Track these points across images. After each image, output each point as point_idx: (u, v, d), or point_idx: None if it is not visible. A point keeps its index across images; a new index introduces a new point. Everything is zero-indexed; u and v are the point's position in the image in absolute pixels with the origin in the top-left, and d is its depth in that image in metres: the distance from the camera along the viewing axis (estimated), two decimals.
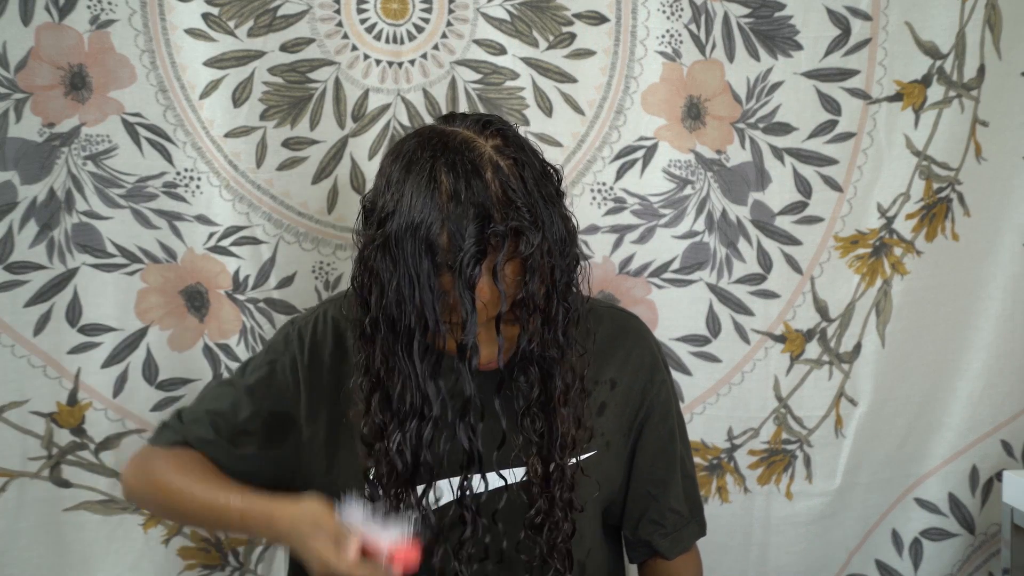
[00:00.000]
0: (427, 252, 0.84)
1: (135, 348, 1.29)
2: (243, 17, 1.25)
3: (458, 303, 0.85)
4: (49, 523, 1.27)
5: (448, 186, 0.85)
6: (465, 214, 0.84)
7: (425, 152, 0.88)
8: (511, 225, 0.86)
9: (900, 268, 1.42)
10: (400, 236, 0.85)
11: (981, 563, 1.53)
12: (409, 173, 0.87)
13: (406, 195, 0.86)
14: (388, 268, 0.86)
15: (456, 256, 0.84)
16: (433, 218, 0.84)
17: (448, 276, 0.85)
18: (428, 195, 0.85)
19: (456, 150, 0.87)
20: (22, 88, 1.20)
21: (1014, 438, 1.50)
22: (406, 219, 0.85)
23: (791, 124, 1.37)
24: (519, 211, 0.87)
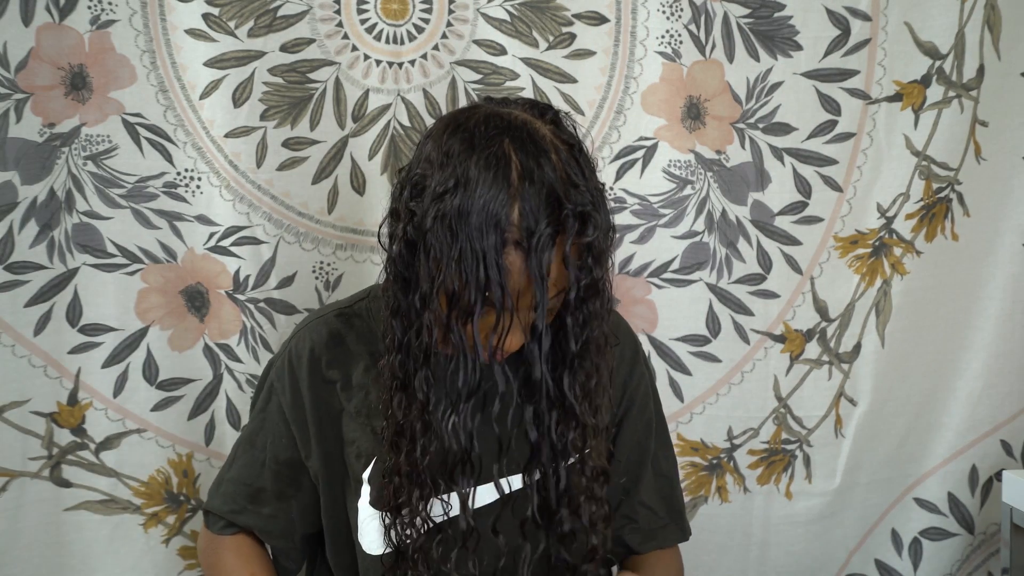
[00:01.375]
0: (495, 228, 0.82)
1: (135, 348, 1.29)
2: (243, 17, 1.25)
3: (523, 283, 0.84)
4: (49, 523, 1.27)
5: (519, 164, 0.83)
6: (538, 193, 0.83)
7: (489, 129, 0.86)
8: (580, 209, 0.85)
9: (900, 268, 1.42)
10: (466, 210, 0.82)
11: (980, 563, 1.53)
12: (473, 148, 0.84)
13: (472, 169, 0.83)
14: (447, 242, 0.83)
15: (528, 235, 0.82)
16: (504, 195, 0.82)
17: (516, 254, 0.83)
18: (498, 171, 0.83)
19: (521, 129, 0.86)
20: (22, 88, 1.20)
21: (1014, 438, 1.50)
22: (473, 193, 0.82)
23: (791, 124, 1.37)
24: (583, 195, 0.86)
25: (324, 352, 1.02)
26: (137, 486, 1.30)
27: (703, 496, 1.44)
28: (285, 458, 1.05)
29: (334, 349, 1.03)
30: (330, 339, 1.03)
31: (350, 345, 1.03)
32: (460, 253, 0.83)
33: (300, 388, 1.02)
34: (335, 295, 1.32)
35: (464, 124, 0.87)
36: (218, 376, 1.31)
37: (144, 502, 1.31)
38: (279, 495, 1.05)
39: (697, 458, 1.43)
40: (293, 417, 1.03)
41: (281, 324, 1.30)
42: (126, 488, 1.30)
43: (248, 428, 1.09)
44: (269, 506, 1.05)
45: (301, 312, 1.30)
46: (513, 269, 0.83)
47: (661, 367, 1.40)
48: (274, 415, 1.04)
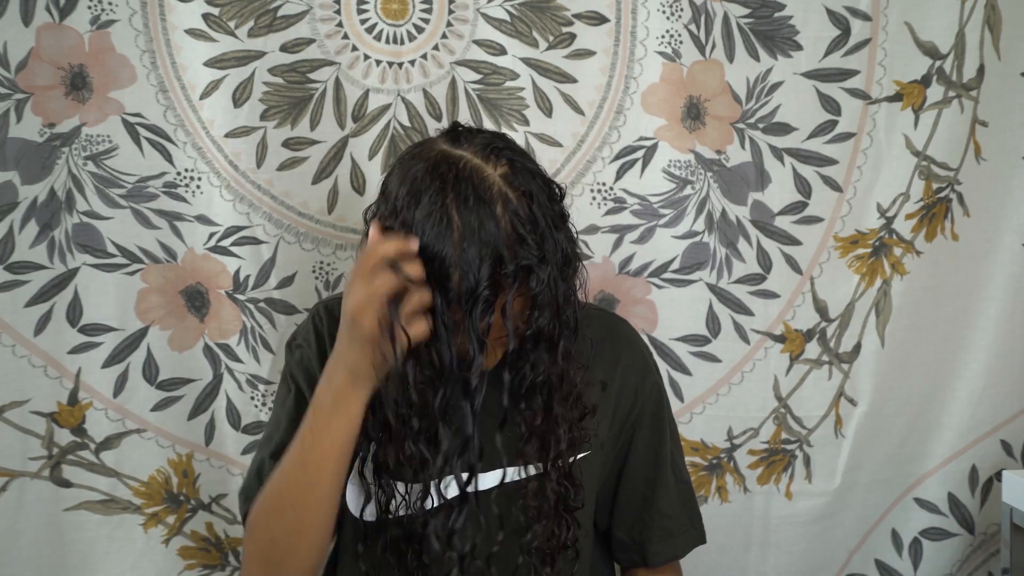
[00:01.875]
0: (439, 287, 0.85)
1: (135, 348, 1.29)
2: (243, 17, 1.25)
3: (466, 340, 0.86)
4: (50, 523, 1.28)
5: (459, 224, 0.84)
6: (478, 255, 0.84)
7: (435, 182, 0.87)
8: (522, 264, 0.86)
9: (900, 268, 1.42)
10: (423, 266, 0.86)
11: (980, 563, 1.53)
12: (418, 203, 0.86)
13: (417, 223, 0.85)
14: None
15: (466, 296, 0.84)
16: (446, 256, 0.84)
17: (459, 311, 0.86)
18: (439, 231, 0.84)
19: (466, 181, 0.86)
20: (23, 88, 1.21)
21: (1014, 438, 1.50)
22: (421, 247, 0.85)
23: (791, 124, 1.37)
24: (529, 248, 0.87)
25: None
26: (137, 486, 1.30)
27: (703, 496, 1.44)
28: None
29: None
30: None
31: None
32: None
33: (325, 342, 1.03)
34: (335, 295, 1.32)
35: (409, 173, 0.89)
36: (218, 376, 1.31)
37: (144, 502, 1.31)
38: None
39: (697, 458, 1.44)
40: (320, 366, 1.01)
41: (281, 324, 1.30)
42: (126, 488, 1.30)
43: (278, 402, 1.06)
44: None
45: (301, 312, 1.30)
46: (459, 323, 0.86)
47: (661, 367, 1.39)
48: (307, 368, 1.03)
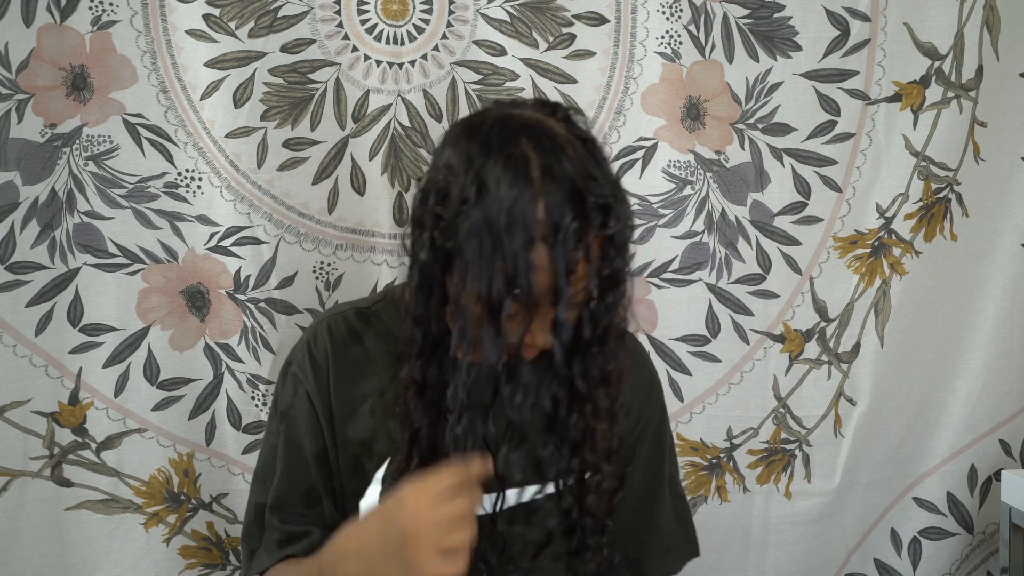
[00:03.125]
0: (522, 227, 0.82)
1: (136, 348, 1.29)
2: (244, 18, 1.25)
3: (550, 279, 0.84)
4: (50, 522, 1.28)
5: (538, 161, 0.84)
6: (560, 188, 0.83)
7: (504, 131, 0.87)
8: (602, 201, 0.85)
9: (899, 268, 1.43)
10: (491, 212, 0.83)
11: (979, 562, 1.53)
12: (491, 151, 0.85)
13: (493, 171, 0.84)
14: (474, 245, 0.84)
15: (554, 230, 0.83)
16: (527, 193, 0.83)
17: (542, 250, 0.83)
18: (518, 170, 0.83)
19: (534, 127, 0.87)
20: (24, 89, 1.21)
21: (1012, 437, 1.51)
22: (496, 195, 0.83)
23: (790, 125, 1.38)
24: (604, 187, 0.86)
25: (342, 347, 1.02)
26: (138, 485, 1.31)
27: (703, 496, 1.45)
28: (319, 450, 1.02)
29: (352, 346, 1.02)
30: (348, 335, 1.02)
31: (368, 344, 1.02)
32: (488, 255, 0.83)
33: (323, 374, 1.01)
34: (335, 295, 1.32)
35: (478, 128, 0.88)
36: (219, 376, 1.31)
37: (145, 501, 1.31)
38: (327, 490, 1.01)
39: (697, 458, 1.44)
40: (320, 404, 1.01)
41: (281, 324, 1.30)
42: (127, 487, 1.30)
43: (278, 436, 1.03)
44: (324, 504, 1.01)
45: (301, 312, 1.31)
46: (540, 265, 0.83)
47: (661, 367, 1.40)
48: (302, 406, 1.02)
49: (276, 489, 1.02)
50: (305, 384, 1.01)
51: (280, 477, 1.02)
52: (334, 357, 1.01)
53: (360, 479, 1.00)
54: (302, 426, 1.02)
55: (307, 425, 1.01)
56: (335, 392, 1.01)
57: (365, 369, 1.01)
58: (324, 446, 1.01)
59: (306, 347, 1.03)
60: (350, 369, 1.01)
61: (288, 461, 1.02)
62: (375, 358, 1.02)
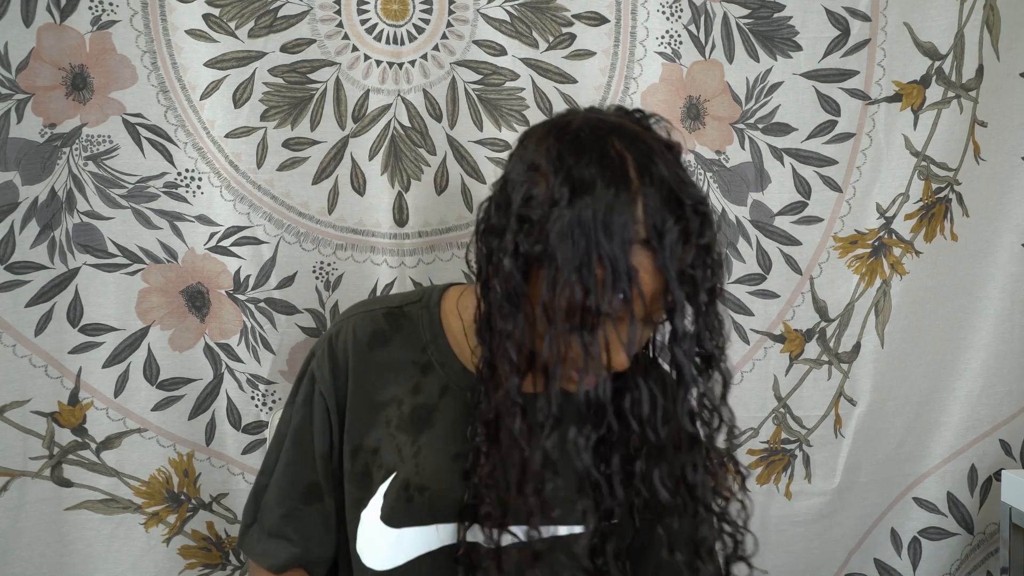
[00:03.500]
0: (621, 228, 0.77)
1: (136, 348, 1.29)
2: (244, 18, 1.25)
3: (652, 285, 0.80)
4: (50, 522, 1.28)
5: (634, 161, 0.80)
6: (659, 190, 0.79)
7: (596, 131, 0.83)
8: (700, 208, 0.81)
9: (899, 268, 1.43)
10: (586, 213, 0.78)
11: (979, 562, 1.53)
12: (583, 150, 0.81)
13: (587, 170, 0.79)
14: (568, 248, 0.78)
15: (656, 233, 0.78)
16: (626, 194, 0.78)
17: (643, 253, 0.79)
18: (615, 170, 0.79)
19: (625, 129, 0.83)
20: (23, 89, 1.21)
21: (1013, 437, 1.51)
22: (592, 195, 0.78)
23: (790, 124, 1.38)
24: (698, 193, 0.82)
25: (366, 349, 0.98)
26: (138, 485, 1.31)
27: None
28: (326, 450, 1.00)
29: (376, 349, 0.98)
30: (374, 337, 0.99)
31: (394, 349, 0.98)
32: (584, 258, 0.78)
33: (341, 376, 0.98)
34: (335, 295, 1.32)
35: (566, 128, 0.84)
36: (219, 376, 1.31)
37: (145, 501, 1.31)
38: (329, 488, 1.00)
39: None
40: (334, 406, 0.99)
41: (281, 324, 1.30)
42: (127, 487, 1.30)
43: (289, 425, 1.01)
44: (324, 500, 1.00)
45: (301, 312, 1.31)
46: (642, 269, 0.79)
47: None
48: (317, 405, 0.99)
49: (279, 476, 1.01)
50: (321, 384, 0.99)
51: (284, 468, 1.01)
52: (355, 360, 0.98)
53: (366, 488, 0.98)
54: (314, 423, 1.00)
55: (319, 424, 1.00)
56: (352, 396, 0.98)
57: (386, 375, 0.98)
58: (330, 448, 1.00)
59: (327, 344, 1.00)
60: (370, 375, 0.98)
61: (294, 454, 1.01)
62: (399, 366, 0.98)
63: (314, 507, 1.01)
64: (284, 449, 1.02)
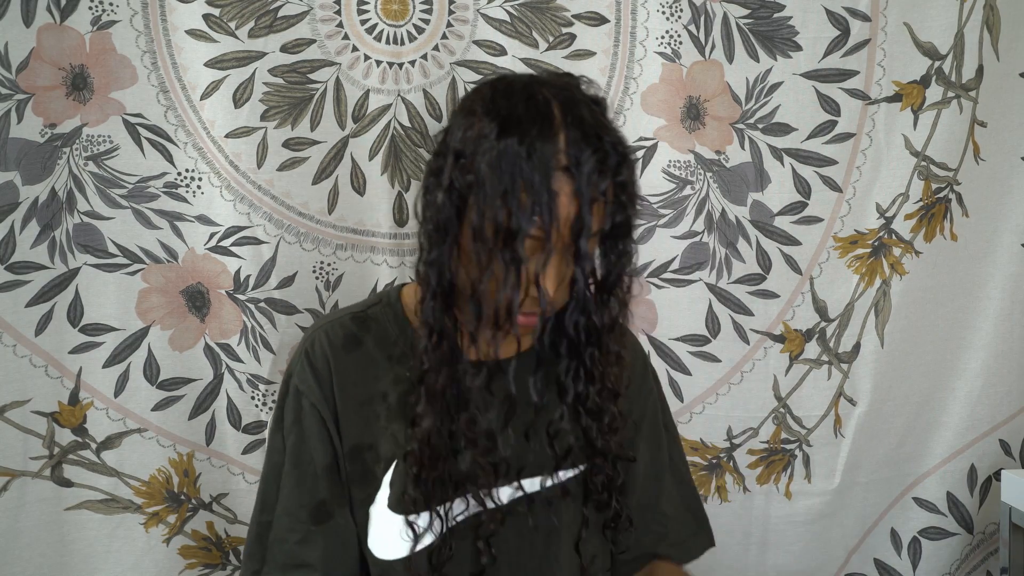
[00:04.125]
0: (543, 156, 0.85)
1: (136, 348, 1.29)
2: (244, 18, 1.25)
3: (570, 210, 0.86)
4: (51, 522, 1.28)
5: (560, 106, 0.88)
6: (580, 128, 0.87)
7: (528, 84, 0.91)
8: (619, 148, 0.89)
9: (899, 268, 1.43)
10: (513, 145, 0.85)
11: (979, 562, 1.53)
12: (515, 95, 0.89)
13: (517, 109, 0.87)
14: (494, 177, 0.86)
15: (575, 162, 0.86)
16: (549, 129, 0.86)
17: (563, 179, 0.86)
18: (541, 110, 0.87)
19: (555, 84, 0.92)
20: (24, 89, 1.21)
21: (1012, 437, 1.51)
22: (519, 129, 0.86)
23: (790, 125, 1.38)
24: (618, 138, 0.90)
25: (342, 353, 1.00)
26: (138, 485, 1.31)
27: (703, 496, 1.45)
28: (329, 461, 1.00)
29: (352, 351, 1.01)
30: (346, 341, 1.01)
31: (368, 348, 1.01)
32: (509, 184, 0.85)
33: (326, 382, 1.00)
34: (335, 295, 1.32)
35: (501, 80, 0.93)
36: (219, 376, 1.31)
37: (145, 501, 1.31)
38: (339, 501, 1.00)
39: (697, 458, 1.44)
40: (327, 413, 1.00)
41: (281, 324, 1.30)
42: (127, 487, 1.30)
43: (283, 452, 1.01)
44: (335, 517, 1.00)
45: (301, 312, 1.31)
46: (561, 193, 0.86)
47: (661, 367, 1.40)
48: (309, 419, 1.00)
49: (284, 504, 1.00)
50: (310, 396, 1.00)
51: (288, 493, 1.00)
52: (335, 364, 1.00)
53: (369, 486, 0.99)
54: (310, 439, 1.00)
55: (316, 437, 1.00)
56: (340, 399, 1.00)
57: (367, 373, 1.00)
58: (335, 456, 1.00)
59: (305, 357, 1.01)
60: (352, 375, 1.00)
61: (296, 477, 1.00)
62: (376, 362, 1.01)
63: (327, 526, 1.00)
64: (284, 474, 1.01)
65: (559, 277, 0.90)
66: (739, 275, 1.40)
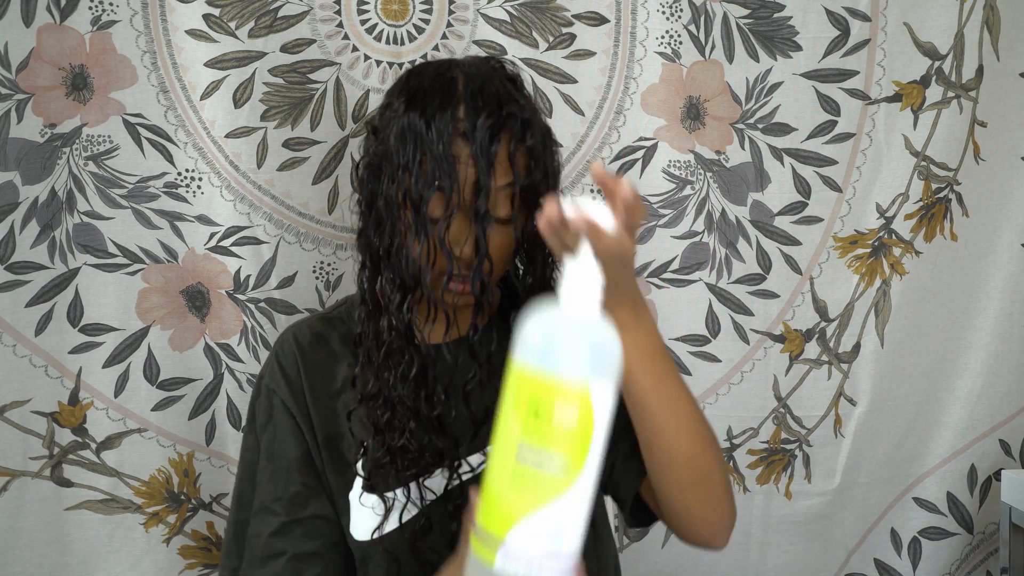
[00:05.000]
0: (442, 124, 0.90)
1: (136, 348, 1.29)
2: (244, 18, 1.25)
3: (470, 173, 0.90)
4: (50, 522, 1.28)
5: (464, 79, 0.94)
6: (481, 97, 0.92)
7: (440, 63, 0.98)
8: (521, 115, 0.93)
9: (899, 268, 1.43)
10: (416, 117, 0.91)
11: (979, 562, 1.53)
12: (424, 74, 0.96)
13: (424, 84, 0.94)
14: (401, 149, 0.92)
15: (471, 127, 0.90)
16: (451, 99, 0.91)
17: (462, 144, 0.90)
18: (445, 83, 0.93)
19: (468, 63, 0.98)
20: (23, 89, 1.21)
21: (1012, 437, 1.51)
22: (423, 102, 0.91)
23: (790, 125, 1.38)
24: (523, 106, 0.94)
25: (310, 350, 1.04)
26: (138, 485, 1.31)
27: None
28: (301, 453, 1.02)
29: (319, 348, 1.04)
30: (314, 339, 1.05)
31: (334, 345, 1.05)
32: (412, 154, 0.91)
33: (294, 380, 1.03)
34: (335, 295, 1.32)
35: (423, 63, 1.00)
36: (219, 376, 1.31)
37: (145, 501, 1.31)
38: (315, 491, 1.01)
39: None
40: (296, 408, 1.02)
41: (281, 324, 1.30)
42: (127, 487, 1.30)
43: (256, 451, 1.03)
44: (309, 507, 1.01)
45: (301, 312, 1.31)
46: (460, 156, 0.90)
47: None
48: (280, 415, 1.03)
49: (260, 499, 1.02)
50: (279, 393, 1.03)
51: (263, 488, 1.02)
52: (303, 361, 1.03)
53: (345, 473, 1.01)
54: (283, 434, 1.02)
55: (288, 432, 1.02)
56: (309, 394, 1.03)
57: (333, 368, 1.04)
58: (307, 448, 1.02)
59: (275, 358, 1.05)
60: (320, 369, 1.03)
61: (271, 472, 1.02)
62: (341, 357, 1.04)
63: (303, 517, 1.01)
64: (259, 470, 1.03)
65: (462, 236, 0.93)
66: (739, 275, 1.40)
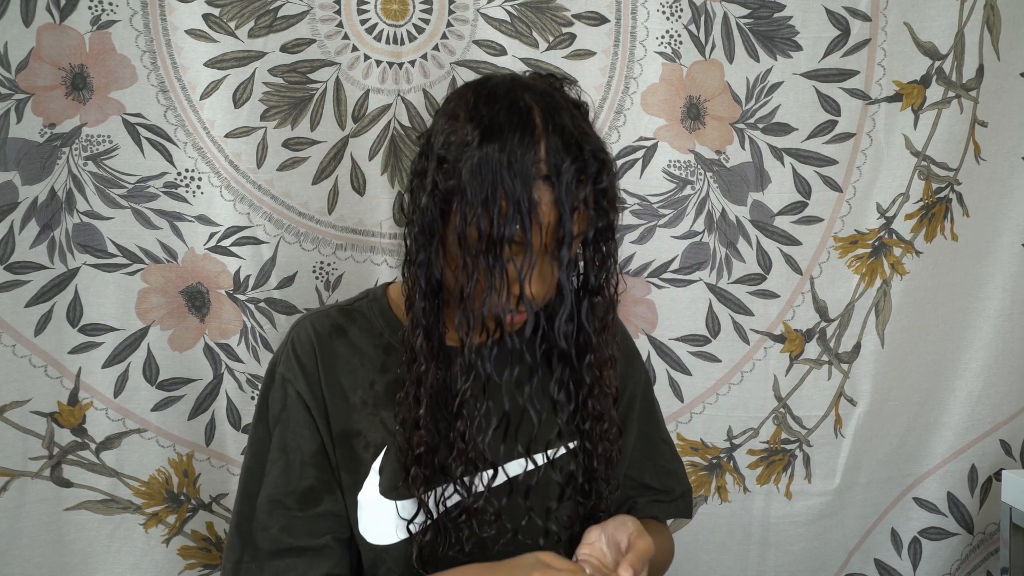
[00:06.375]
0: (523, 165, 0.86)
1: (136, 348, 1.29)
2: (244, 18, 1.25)
3: (551, 217, 0.88)
4: (50, 522, 1.28)
5: (540, 111, 0.89)
6: (560, 136, 0.88)
7: (509, 87, 0.92)
8: (600, 155, 0.90)
9: (899, 268, 1.43)
10: (494, 153, 0.87)
11: (979, 562, 1.53)
12: (496, 100, 0.90)
13: (498, 117, 0.89)
14: (476, 185, 0.87)
15: (556, 171, 0.87)
16: (530, 136, 0.87)
17: (544, 188, 0.87)
18: (522, 117, 0.88)
19: (536, 88, 0.93)
20: (23, 89, 1.21)
21: (1013, 437, 1.51)
22: (500, 137, 0.87)
23: (790, 124, 1.37)
24: (598, 144, 0.91)
25: (328, 341, 1.02)
26: (137, 486, 1.31)
27: (703, 496, 1.45)
28: (316, 447, 1.00)
29: (337, 340, 1.02)
30: (333, 330, 1.03)
31: (353, 338, 1.03)
32: (490, 193, 0.87)
33: (311, 370, 1.01)
34: (335, 295, 1.32)
35: (484, 84, 0.94)
36: (218, 376, 1.31)
37: (144, 502, 1.31)
38: (328, 487, 0.99)
39: (697, 458, 1.44)
40: (312, 400, 1.00)
41: (281, 324, 1.30)
42: (126, 488, 1.30)
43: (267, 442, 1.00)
44: (323, 503, 0.99)
45: (301, 312, 1.30)
46: (542, 201, 0.87)
47: (661, 367, 1.40)
48: (295, 407, 1.00)
49: (269, 490, 0.99)
50: (295, 384, 1.00)
51: (274, 480, 1.00)
52: (321, 352, 1.01)
53: (356, 472, 1.00)
54: (297, 427, 1.00)
55: (303, 424, 1.00)
56: (326, 386, 1.01)
57: (352, 361, 1.02)
58: (322, 442, 1.00)
59: (290, 347, 1.02)
60: (338, 362, 1.01)
61: (283, 464, 1.00)
62: (362, 350, 1.02)
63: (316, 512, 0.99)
64: (270, 462, 1.00)
65: (543, 282, 0.92)
66: (739, 275, 1.40)
